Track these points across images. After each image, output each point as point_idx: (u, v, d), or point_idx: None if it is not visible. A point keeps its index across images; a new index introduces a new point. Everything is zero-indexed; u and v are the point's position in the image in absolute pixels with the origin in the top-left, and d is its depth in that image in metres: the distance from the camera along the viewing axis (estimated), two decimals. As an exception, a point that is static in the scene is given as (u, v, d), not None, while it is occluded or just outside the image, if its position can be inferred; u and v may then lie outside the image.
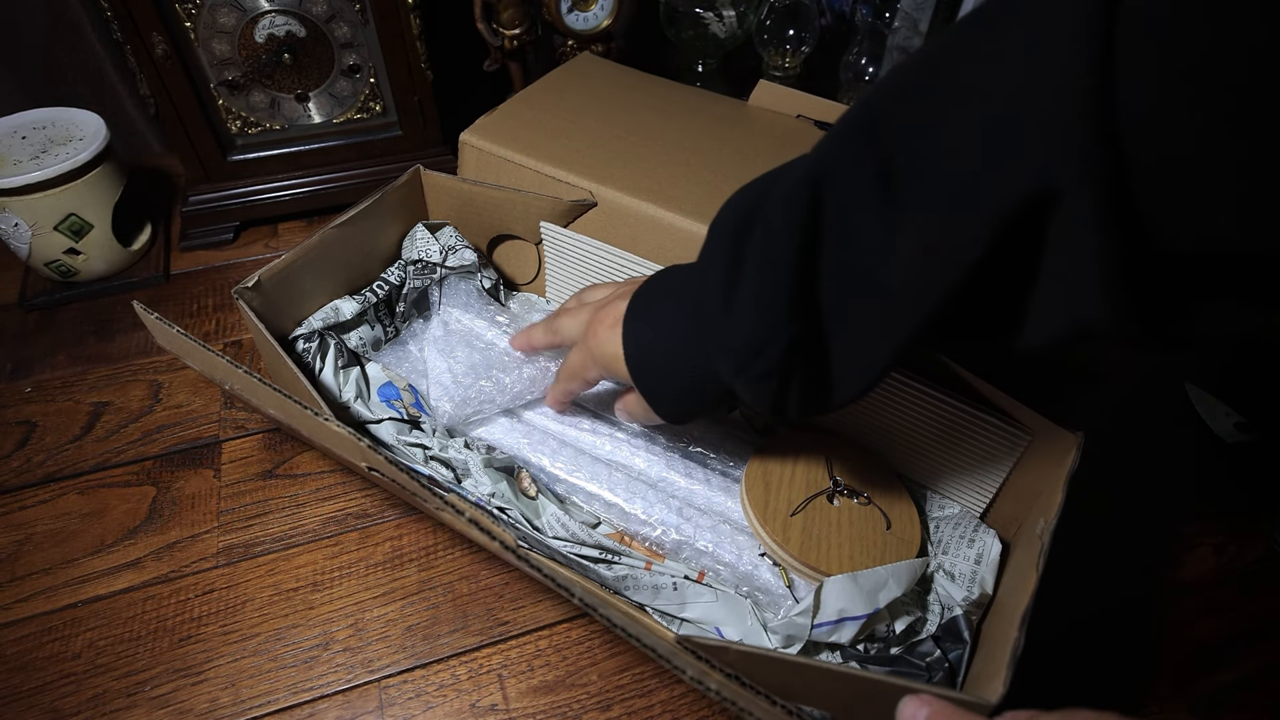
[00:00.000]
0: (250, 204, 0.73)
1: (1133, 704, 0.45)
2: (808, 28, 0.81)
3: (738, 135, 0.60)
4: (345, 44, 0.67)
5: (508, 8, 0.74)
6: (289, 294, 0.51)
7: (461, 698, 0.44)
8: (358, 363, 0.54)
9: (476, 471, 0.48)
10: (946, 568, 0.45)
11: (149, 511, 0.53)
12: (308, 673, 0.45)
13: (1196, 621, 0.49)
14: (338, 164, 0.74)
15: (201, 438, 0.57)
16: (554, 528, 0.46)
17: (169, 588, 0.49)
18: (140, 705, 0.44)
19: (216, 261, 0.72)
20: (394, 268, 0.58)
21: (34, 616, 0.47)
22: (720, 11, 0.80)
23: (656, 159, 0.56)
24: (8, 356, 0.63)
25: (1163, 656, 0.47)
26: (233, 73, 0.66)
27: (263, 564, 0.50)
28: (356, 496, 0.53)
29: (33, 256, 0.64)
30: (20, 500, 0.53)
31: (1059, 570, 0.38)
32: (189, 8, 0.62)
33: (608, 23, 0.77)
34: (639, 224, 0.53)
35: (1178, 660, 0.47)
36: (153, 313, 0.46)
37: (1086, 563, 0.50)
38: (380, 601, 0.48)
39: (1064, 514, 0.39)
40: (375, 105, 0.72)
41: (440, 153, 0.75)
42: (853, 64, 0.83)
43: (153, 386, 0.61)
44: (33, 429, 0.57)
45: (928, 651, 0.42)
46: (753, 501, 0.45)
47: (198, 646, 0.46)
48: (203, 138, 0.68)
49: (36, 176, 0.59)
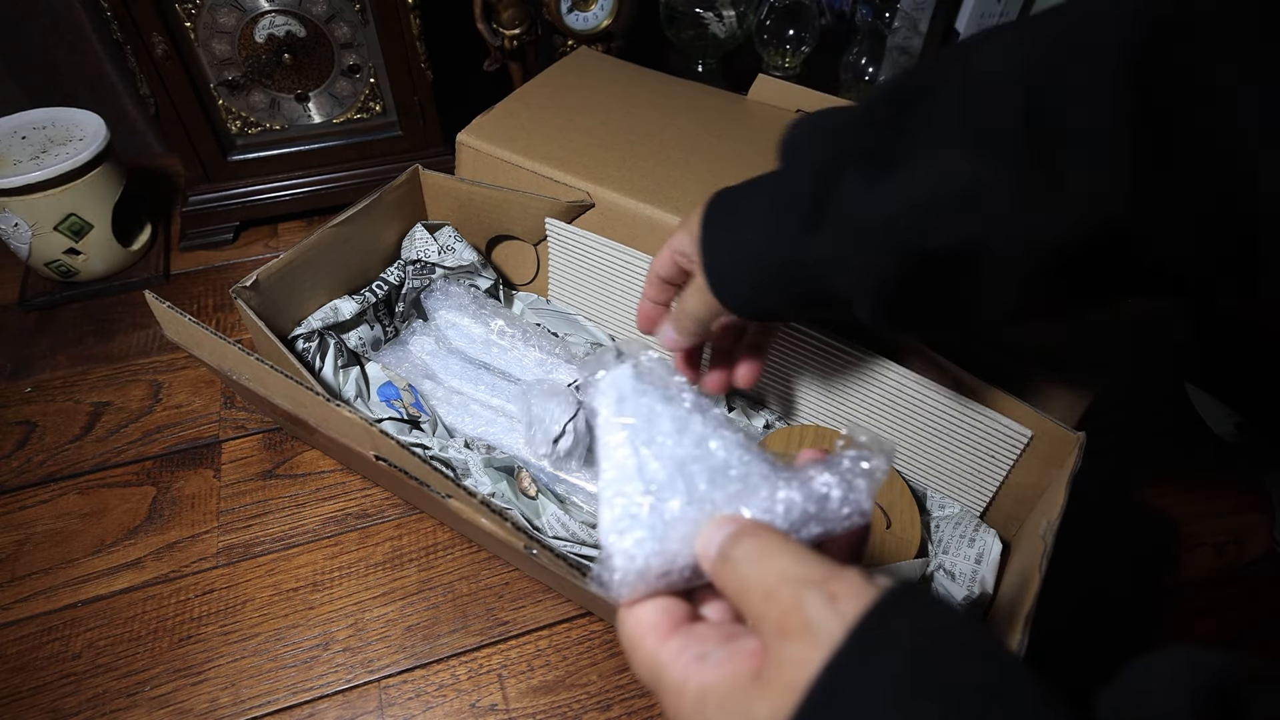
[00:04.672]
0: (250, 204, 0.73)
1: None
2: (808, 28, 0.81)
3: (736, 131, 0.59)
4: (345, 44, 0.67)
5: (508, 8, 0.74)
6: (288, 294, 0.51)
7: (461, 698, 0.44)
8: (357, 362, 0.54)
9: (476, 471, 0.48)
10: (947, 567, 0.45)
11: (149, 511, 0.53)
12: (308, 673, 0.45)
13: (1196, 621, 0.48)
14: (337, 164, 0.74)
15: (201, 438, 0.57)
16: (554, 528, 0.46)
17: (169, 588, 0.49)
18: (140, 705, 0.44)
19: (216, 261, 0.72)
20: (393, 268, 0.58)
21: (34, 616, 0.47)
22: (720, 11, 0.80)
23: (654, 158, 0.56)
24: (8, 356, 0.63)
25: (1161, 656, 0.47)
26: (233, 73, 0.66)
27: (263, 564, 0.50)
28: (356, 496, 0.53)
29: (33, 256, 0.64)
30: (20, 500, 0.53)
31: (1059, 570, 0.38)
32: (189, 8, 0.62)
33: (608, 23, 0.77)
34: (636, 225, 0.53)
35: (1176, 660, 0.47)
36: (164, 301, 0.46)
37: (1086, 562, 0.50)
38: (380, 601, 0.48)
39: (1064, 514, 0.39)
40: (375, 105, 0.72)
41: (440, 153, 0.75)
42: (853, 64, 0.83)
43: (153, 386, 0.61)
44: (33, 429, 0.57)
45: (928, 651, 0.42)
46: None
47: (198, 646, 0.46)
48: (203, 138, 0.68)
49: (36, 176, 0.59)
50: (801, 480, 0.24)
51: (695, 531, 0.24)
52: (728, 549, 0.23)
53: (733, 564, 0.22)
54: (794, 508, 0.24)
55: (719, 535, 0.23)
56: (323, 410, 0.42)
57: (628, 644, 0.25)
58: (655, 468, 0.25)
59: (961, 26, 0.81)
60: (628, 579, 0.24)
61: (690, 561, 0.24)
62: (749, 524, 0.23)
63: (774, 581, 0.21)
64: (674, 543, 0.24)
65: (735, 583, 0.22)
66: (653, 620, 0.24)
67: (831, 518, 0.24)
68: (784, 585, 0.21)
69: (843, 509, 0.24)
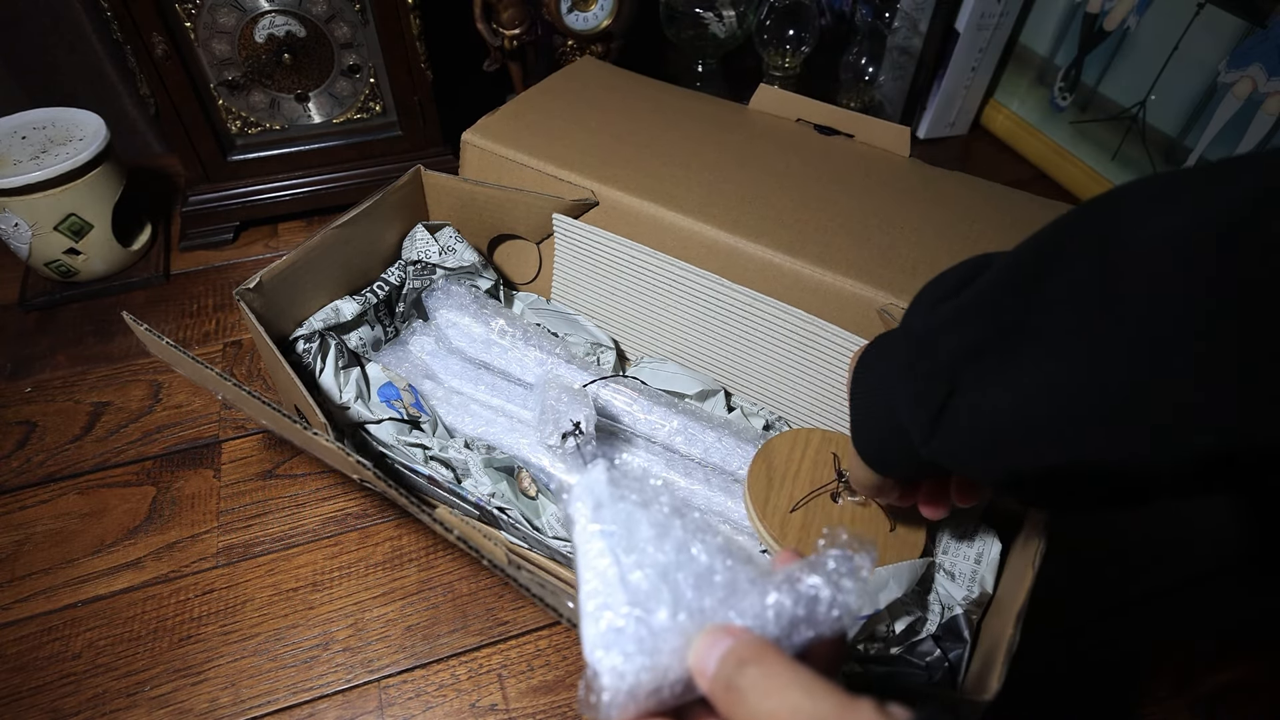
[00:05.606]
0: (250, 204, 0.73)
1: (1133, 704, 0.45)
2: (808, 28, 0.81)
3: (737, 139, 0.60)
4: (345, 44, 0.67)
5: (508, 8, 0.74)
6: (289, 294, 0.51)
7: (461, 698, 0.44)
8: (358, 363, 0.54)
9: (476, 471, 0.48)
10: (947, 567, 0.45)
11: (149, 511, 0.53)
12: (308, 673, 0.45)
13: (1196, 621, 0.48)
14: (338, 164, 0.74)
15: (201, 438, 0.57)
16: (554, 528, 0.46)
17: (169, 588, 0.49)
18: (140, 705, 0.44)
19: (216, 261, 0.72)
20: (394, 268, 0.58)
21: (34, 616, 0.47)
22: (720, 11, 0.80)
23: (657, 160, 0.56)
24: (8, 356, 0.63)
25: (1163, 656, 0.47)
26: (233, 73, 0.66)
27: (263, 564, 0.50)
28: (356, 496, 0.53)
29: (33, 256, 0.64)
30: (20, 500, 0.53)
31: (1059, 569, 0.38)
32: (189, 8, 0.62)
33: (608, 23, 0.77)
34: (639, 223, 0.53)
35: (1178, 660, 0.47)
36: (142, 324, 0.45)
37: (1086, 562, 0.50)
38: (380, 601, 0.48)
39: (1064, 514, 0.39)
40: (375, 105, 0.72)
41: (440, 153, 0.75)
42: (853, 64, 0.83)
43: (153, 386, 0.61)
44: (33, 429, 0.57)
45: (928, 651, 0.42)
46: (754, 495, 0.45)
47: (198, 646, 0.46)
48: (203, 138, 0.68)
49: (36, 176, 0.59)
50: (790, 583, 0.23)
51: (686, 644, 0.23)
52: (733, 677, 0.22)
53: (740, 694, 0.21)
54: (784, 613, 0.23)
55: (715, 651, 0.22)
56: (302, 437, 0.42)
57: None
58: (638, 576, 0.24)
59: (961, 26, 0.81)
60: (617, 699, 0.23)
61: (682, 676, 0.23)
62: (746, 641, 0.22)
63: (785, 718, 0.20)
64: (664, 656, 0.23)
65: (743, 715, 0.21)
66: None
67: (821, 620, 0.23)
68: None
69: (832, 611, 0.23)
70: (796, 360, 0.52)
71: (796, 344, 0.51)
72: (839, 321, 0.49)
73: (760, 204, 0.53)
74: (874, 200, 0.54)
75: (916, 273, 0.48)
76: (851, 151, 0.60)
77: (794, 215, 0.52)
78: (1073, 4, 0.80)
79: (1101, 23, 0.77)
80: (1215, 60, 0.66)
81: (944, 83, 0.86)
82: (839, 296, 0.48)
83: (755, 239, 0.50)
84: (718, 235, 0.51)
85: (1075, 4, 0.80)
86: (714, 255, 0.51)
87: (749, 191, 0.54)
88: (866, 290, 0.47)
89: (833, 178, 0.56)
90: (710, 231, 0.51)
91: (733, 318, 0.53)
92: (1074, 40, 0.81)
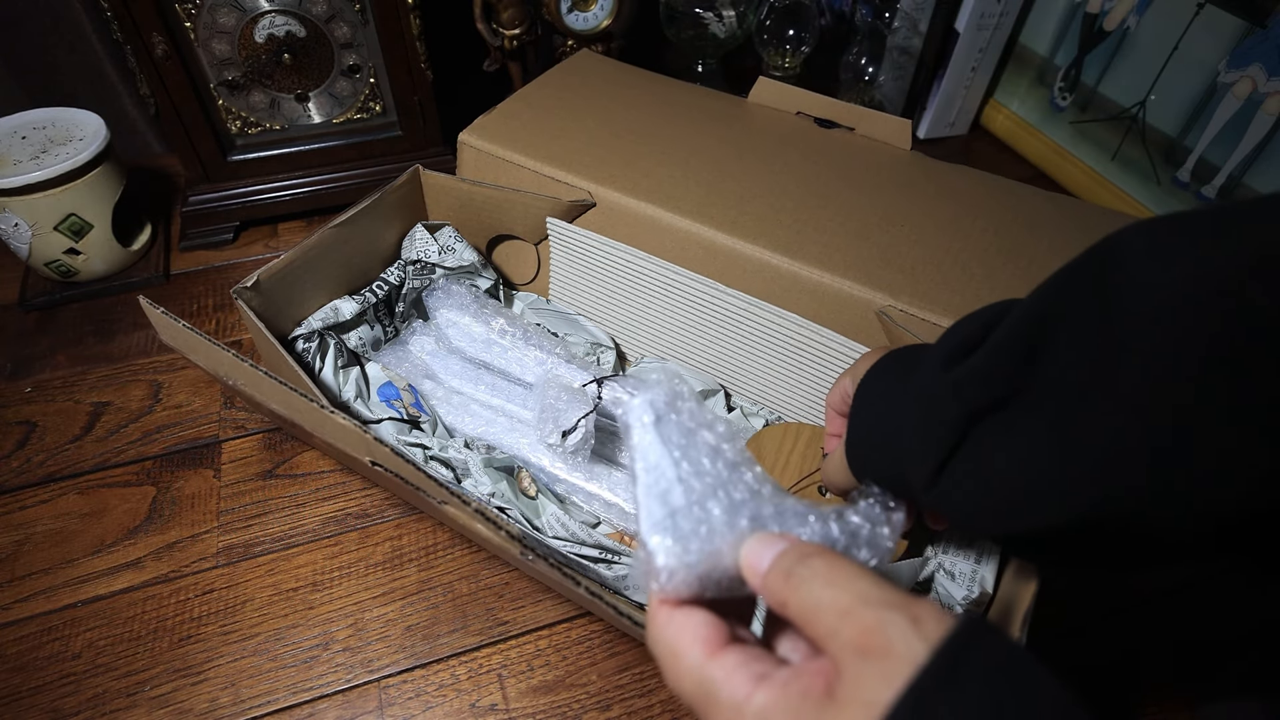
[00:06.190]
0: (250, 204, 0.73)
1: (1133, 704, 0.45)
2: (808, 28, 0.81)
3: (737, 133, 0.59)
4: (345, 44, 0.67)
5: (508, 8, 0.74)
6: (288, 294, 0.51)
7: (461, 698, 0.44)
8: (357, 362, 0.54)
9: (476, 471, 0.48)
10: (946, 567, 0.45)
11: (149, 511, 0.53)
12: (308, 673, 0.45)
13: (1196, 621, 0.48)
14: (337, 164, 0.74)
15: (201, 438, 0.57)
16: (554, 528, 0.46)
17: (169, 588, 0.49)
18: (140, 705, 0.44)
19: (216, 261, 0.72)
20: (393, 268, 0.58)
21: (34, 616, 0.47)
22: (720, 11, 0.80)
23: (655, 158, 0.56)
24: (8, 356, 0.63)
25: (1162, 656, 0.47)
26: (233, 73, 0.66)
27: (263, 564, 0.50)
28: (356, 496, 0.53)
29: (33, 256, 0.64)
30: (20, 500, 0.53)
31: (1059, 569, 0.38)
32: (189, 8, 0.62)
33: (608, 23, 0.77)
34: (637, 224, 0.53)
35: (1177, 660, 0.47)
36: (159, 307, 0.46)
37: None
38: (380, 601, 0.48)
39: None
40: (375, 105, 0.72)
41: (440, 153, 0.75)
42: (853, 64, 0.83)
43: (153, 386, 0.61)
44: (33, 429, 0.57)
45: (927, 651, 0.41)
46: None
47: (198, 646, 0.46)
48: (203, 138, 0.68)
49: (36, 176, 0.59)
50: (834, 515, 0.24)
51: (738, 540, 0.24)
52: (792, 566, 0.22)
53: (799, 580, 0.22)
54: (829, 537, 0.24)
55: (771, 549, 0.23)
56: (317, 416, 0.42)
57: (666, 650, 0.23)
58: (694, 481, 0.25)
59: (961, 26, 0.81)
60: (677, 573, 0.23)
61: (731, 571, 0.24)
62: (806, 544, 0.23)
63: (850, 601, 0.21)
64: (717, 542, 0.24)
65: (802, 599, 0.22)
66: (701, 633, 0.23)
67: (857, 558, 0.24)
68: (863, 606, 0.20)
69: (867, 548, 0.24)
70: (792, 363, 0.52)
71: (792, 348, 0.51)
72: (837, 323, 0.49)
73: (759, 202, 0.53)
74: (875, 195, 0.54)
75: (916, 274, 0.48)
76: (852, 145, 0.60)
77: (793, 214, 0.52)
78: (1073, 4, 0.80)
79: (1101, 23, 0.77)
80: (1215, 60, 0.66)
81: (944, 83, 0.86)
82: (838, 297, 0.48)
83: (754, 240, 0.50)
84: (716, 236, 0.51)
85: (1075, 4, 0.80)
86: (712, 256, 0.51)
87: (748, 189, 0.54)
88: (865, 291, 0.47)
89: (833, 172, 0.56)
90: (708, 233, 0.51)
91: (729, 321, 0.53)
92: (1074, 40, 0.81)
